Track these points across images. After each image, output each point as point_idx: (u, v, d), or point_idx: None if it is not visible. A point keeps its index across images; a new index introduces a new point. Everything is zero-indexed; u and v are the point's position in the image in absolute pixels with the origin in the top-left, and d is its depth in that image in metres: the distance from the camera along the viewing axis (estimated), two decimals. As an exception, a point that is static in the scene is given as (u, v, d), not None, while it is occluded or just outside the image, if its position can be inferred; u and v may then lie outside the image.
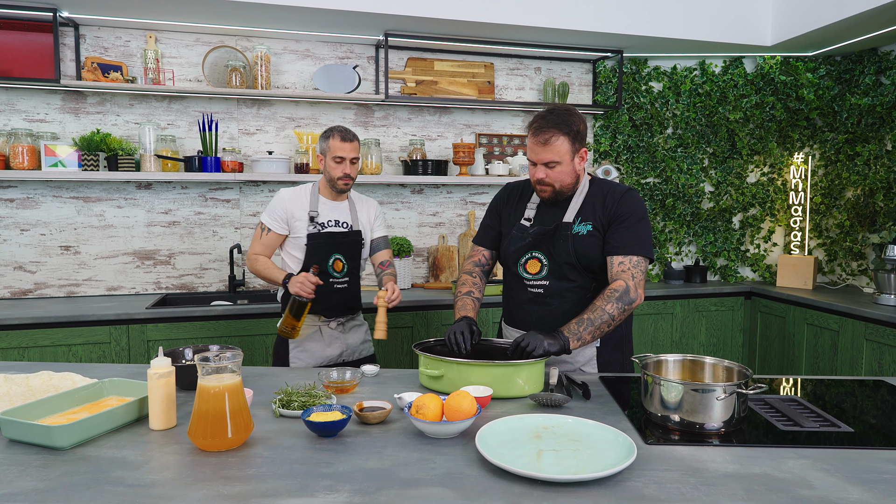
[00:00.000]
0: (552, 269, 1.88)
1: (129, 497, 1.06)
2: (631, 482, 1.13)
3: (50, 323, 2.82)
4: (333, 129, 2.37)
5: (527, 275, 1.91)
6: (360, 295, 2.54)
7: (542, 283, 1.90)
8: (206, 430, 1.24)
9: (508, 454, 1.21)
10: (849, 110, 3.79)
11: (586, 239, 1.85)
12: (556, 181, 1.83)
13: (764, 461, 1.23)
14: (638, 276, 1.80)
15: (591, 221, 1.86)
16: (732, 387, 1.36)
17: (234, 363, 1.29)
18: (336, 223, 2.42)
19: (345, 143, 2.34)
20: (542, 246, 1.89)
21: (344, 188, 2.39)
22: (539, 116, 1.81)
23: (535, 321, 1.92)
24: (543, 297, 1.90)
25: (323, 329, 2.42)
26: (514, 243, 1.94)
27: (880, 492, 1.10)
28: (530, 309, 1.93)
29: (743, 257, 4.21)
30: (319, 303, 2.33)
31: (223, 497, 1.06)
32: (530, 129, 1.83)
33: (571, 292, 1.88)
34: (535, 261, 1.90)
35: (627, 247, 1.81)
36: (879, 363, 3.07)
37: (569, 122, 1.78)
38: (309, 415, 1.35)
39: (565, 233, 1.86)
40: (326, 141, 2.36)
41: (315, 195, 2.44)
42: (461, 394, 1.37)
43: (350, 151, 2.34)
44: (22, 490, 1.08)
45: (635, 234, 1.82)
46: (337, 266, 2.39)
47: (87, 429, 1.29)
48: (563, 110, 1.81)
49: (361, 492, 1.08)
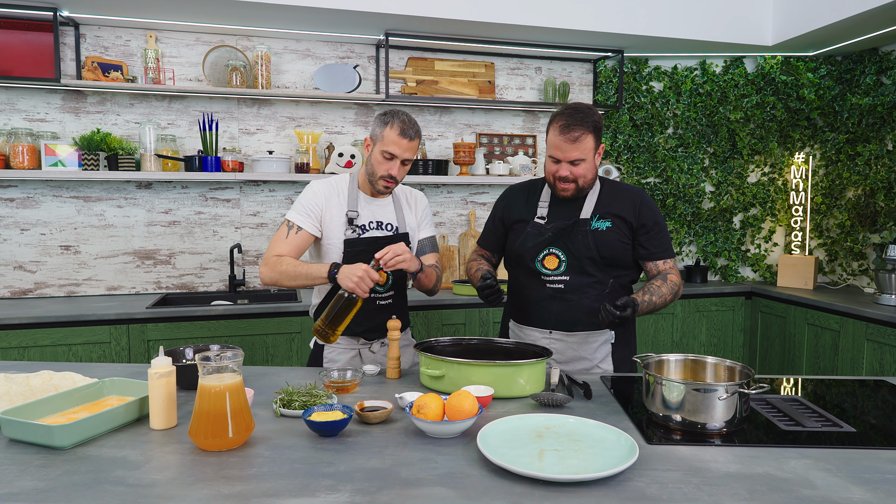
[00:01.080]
0: (571, 264, 1.91)
1: (129, 497, 1.05)
2: (633, 482, 1.13)
3: (50, 322, 2.82)
4: (395, 116, 1.91)
5: (545, 270, 1.93)
6: (407, 309, 2.17)
7: (561, 278, 1.92)
8: (207, 430, 1.24)
9: (510, 454, 1.21)
10: (849, 110, 3.79)
11: (606, 234, 1.90)
12: (579, 177, 1.87)
13: (766, 461, 1.23)
14: (678, 272, 1.98)
15: (609, 218, 1.92)
16: (734, 386, 1.36)
17: (234, 363, 1.29)
18: (379, 225, 2.02)
19: (402, 138, 1.89)
20: (560, 241, 1.92)
21: (384, 191, 1.98)
22: (565, 114, 1.82)
23: (555, 317, 1.94)
24: (563, 292, 1.92)
25: (363, 353, 2.06)
26: (530, 240, 1.95)
27: (883, 492, 1.10)
28: (549, 305, 1.94)
29: (743, 257, 4.21)
30: (359, 323, 1.98)
31: (224, 497, 1.06)
32: (554, 126, 1.83)
33: (591, 287, 1.91)
34: (552, 257, 1.92)
35: (664, 252, 1.95)
36: (880, 363, 3.06)
37: (594, 118, 1.82)
38: (310, 414, 1.34)
39: (584, 228, 1.90)
40: (382, 127, 1.91)
41: (354, 190, 2.02)
42: (462, 393, 1.36)
43: (405, 150, 1.91)
44: (22, 490, 1.07)
45: (665, 239, 1.96)
46: (380, 278, 1.95)
47: (88, 428, 1.28)
48: (586, 108, 1.83)
49: (363, 492, 1.08)
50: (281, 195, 3.62)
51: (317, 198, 1.98)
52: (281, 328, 3.09)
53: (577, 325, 1.93)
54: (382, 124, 1.92)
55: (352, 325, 1.94)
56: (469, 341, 1.85)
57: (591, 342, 1.95)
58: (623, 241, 1.91)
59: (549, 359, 1.72)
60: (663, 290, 1.88)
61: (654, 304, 1.86)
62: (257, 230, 3.60)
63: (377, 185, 1.96)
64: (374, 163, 1.94)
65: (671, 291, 1.89)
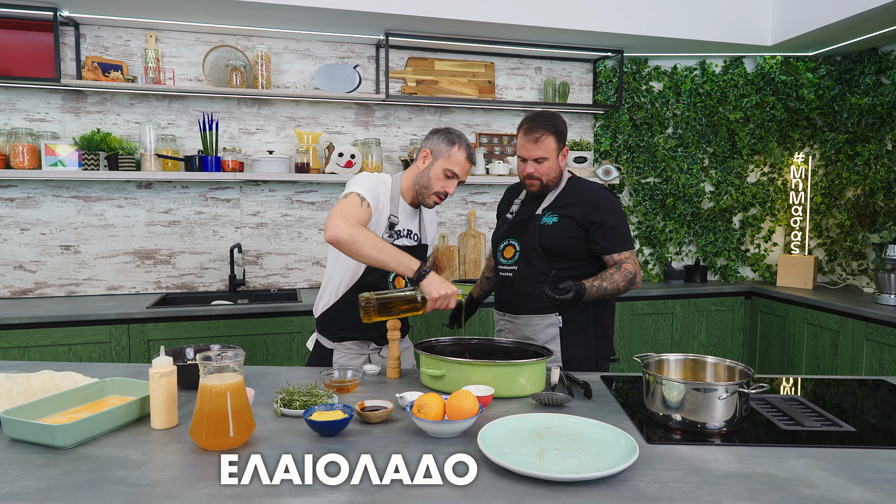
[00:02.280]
0: (521, 254, 2.10)
1: (131, 496, 1.06)
2: (633, 481, 1.13)
3: (50, 322, 2.82)
4: (461, 138, 1.99)
5: (503, 259, 2.15)
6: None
7: (512, 267, 2.12)
8: (209, 430, 1.24)
9: (511, 453, 1.21)
10: (849, 110, 3.79)
11: (551, 228, 2.05)
12: (543, 175, 2.06)
13: (766, 460, 1.24)
14: (635, 262, 2.06)
15: (558, 213, 2.06)
16: (734, 386, 1.36)
17: (235, 362, 1.29)
18: (409, 234, 2.07)
19: (468, 162, 1.99)
20: (516, 234, 2.13)
21: (432, 205, 2.02)
22: (529, 118, 2.06)
23: (507, 302, 2.15)
24: (511, 280, 2.12)
25: (373, 357, 2.10)
26: (497, 231, 2.24)
27: (883, 491, 1.10)
28: (503, 291, 2.17)
29: (743, 257, 4.21)
30: (373, 328, 2.01)
31: (225, 496, 1.06)
32: (521, 129, 2.07)
33: (533, 276, 2.06)
34: (510, 247, 2.14)
35: (618, 245, 2.05)
36: (880, 363, 3.07)
37: (555, 123, 2.04)
38: (311, 414, 1.35)
39: (535, 223, 2.09)
40: (450, 146, 1.96)
41: (396, 195, 2.03)
42: (463, 393, 1.37)
43: (465, 172, 2.00)
44: (24, 489, 1.08)
45: (618, 234, 2.05)
46: (399, 285, 2.04)
47: (89, 428, 1.29)
48: (549, 113, 2.06)
49: (364, 491, 1.08)
50: (281, 195, 3.62)
51: (377, 188, 1.94)
52: (281, 328, 3.10)
53: (521, 308, 2.10)
54: (449, 143, 1.96)
55: (366, 328, 1.99)
56: (469, 341, 1.86)
57: (534, 324, 2.09)
58: (568, 235, 2.04)
59: (549, 358, 1.72)
60: (615, 277, 1.98)
61: (605, 289, 1.95)
62: (257, 230, 3.60)
63: (428, 199, 1.99)
64: (433, 177, 1.97)
65: (624, 278, 1.98)
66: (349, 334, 2.06)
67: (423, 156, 1.99)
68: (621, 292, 2.00)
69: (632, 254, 2.06)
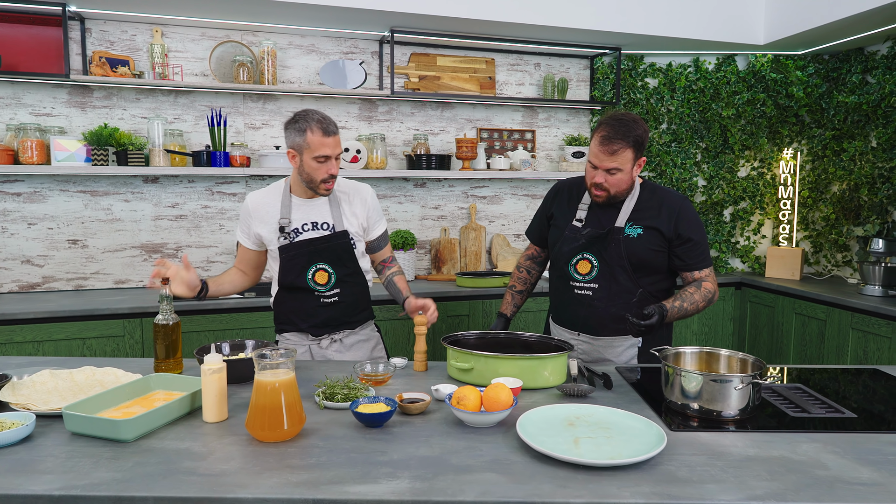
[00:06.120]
0: (602, 270, 1.97)
1: (205, 485, 1.13)
2: (664, 466, 1.23)
3: (64, 317, 2.85)
4: (308, 119, 1.90)
5: (577, 275, 2.01)
6: (364, 305, 2.17)
7: (591, 285, 2.00)
8: (264, 423, 1.32)
9: (548, 441, 1.31)
10: (836, 108, 3.93)
11: (637, 241, 1.95)
12: (612, 186, 1.93)
13: (780, 445, 1.35)
14: (714, 280, 2.01)
15: (642, 224, 1.96)
16: (749, 377, 1.47)
17: (289, 360, 1.37)
18: (314, 226, 2.02)
19: (327, 136, 1.89)
20: (594, 248, 1.98)
21: (327, 193, 2.00)
22: (607, 124, 1.87)
23: (582, 322, 2.04)
24: (591, 299, 2.00)
25: (313, 349, 2.11)
26: (566, 244, 2.03)
27: (888, 472, 1.22)
28: (576, 310, 2.04)
29: (733, 249, 4.36)
30: (304, 320, 2.05)
31: (294, 484, 1.14)
32: (596, 134, 1.89)
33: (619, 296, 1.98)
34: (585, 262, 2.00)
35: (700, 262, 1.99)
36: (864, 351, 3.23)
37: (635, 133, 1.86)
38: (356, 406, 1.43)
39: (617, 236, 1.95)
40: (302, 135, 1.89)
41: (286, 196, 2.03)
42: (499, 386, 1.46)
43: (334, 147, 1.91)
44: (102, 480, 1.14)
45: (702, 250, 1.99)
46: (320, 278, 2.01)
47: (149, 422, 1.36)
48: (630, 120, 1.87)
49: (420, 478, 1.17)
50: (286, 189, 3.66)
51: (243, 216, 2.08)
52: (291, 321, 3.16)
53: (603, 330, 2.01)
54: (300, 132, 1.90)
55: (297, 320, 2.07)
56: (496, 335, 1.94)
57: (616, 346, 2.04)
58: (654, 248, 1.95)
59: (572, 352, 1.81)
60: (696, 297, 1.93)
61: (686, 310, 1.91)
62: (263, 224, 3.65)
63: (319, 189, 1.98)
64: (310, 170, 1.93)
65: (704, 298, 1.94)
66: (286, 327, 2.15)
67: (291, 156, 1.96)
68: (699, 312, 1.95)
69: (711, 271, 2.00)
